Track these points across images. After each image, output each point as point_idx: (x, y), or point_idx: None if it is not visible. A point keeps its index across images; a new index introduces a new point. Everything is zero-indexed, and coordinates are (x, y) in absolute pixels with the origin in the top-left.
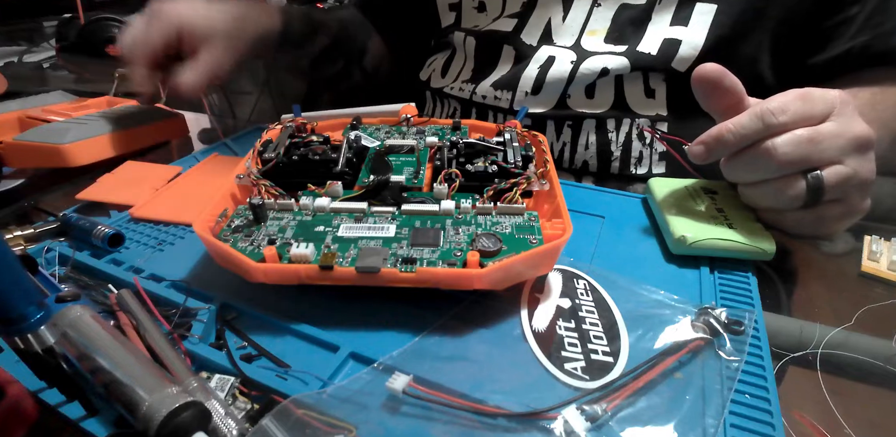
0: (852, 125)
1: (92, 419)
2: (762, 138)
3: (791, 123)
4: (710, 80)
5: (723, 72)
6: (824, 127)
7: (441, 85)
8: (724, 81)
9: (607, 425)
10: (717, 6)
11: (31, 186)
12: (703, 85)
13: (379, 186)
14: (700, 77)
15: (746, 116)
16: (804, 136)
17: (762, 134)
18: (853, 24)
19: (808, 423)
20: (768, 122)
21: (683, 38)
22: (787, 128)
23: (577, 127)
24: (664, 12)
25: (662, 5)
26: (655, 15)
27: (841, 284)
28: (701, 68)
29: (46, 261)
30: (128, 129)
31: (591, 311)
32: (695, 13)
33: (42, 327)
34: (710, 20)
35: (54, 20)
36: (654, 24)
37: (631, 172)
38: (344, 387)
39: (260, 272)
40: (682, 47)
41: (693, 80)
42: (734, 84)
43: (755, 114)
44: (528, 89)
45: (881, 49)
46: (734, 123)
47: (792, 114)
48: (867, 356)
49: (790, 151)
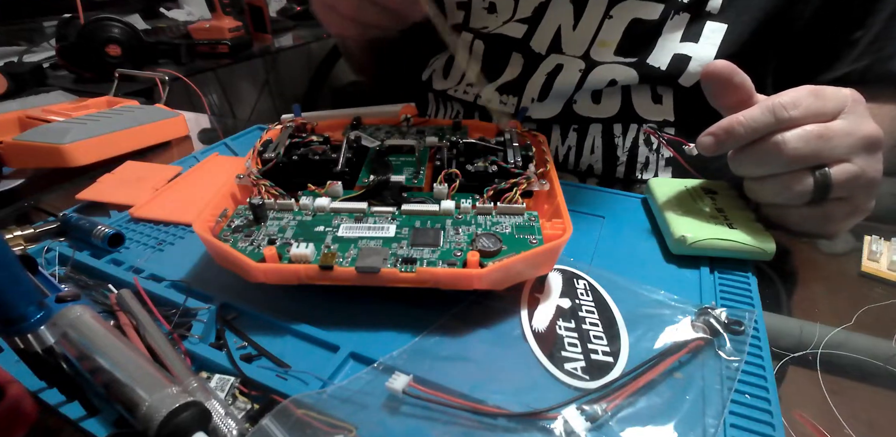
0: (863, 124)
1: (92, 419)
2: (772, 132)
3: (802, 118)
4: (721, 76)
5: (733, 69)
6: (835, 124)
7: (444, 87)
8: (734, 78)
9: (607, 425)
10: (727, 26)
11: (31, 186)
12: (713, 82)
13: (379, 186)
14: (710, 73)
15: (758, 109)
16: (815, 132)
17: (773, 128)
18: (856, 47)
19: (808, 423)
20: (780, 116)
21: (693, 55)
22: (797, 123)
23: (583, 131)
24: (675, 28)
25: (674, 21)
26: (666, 31)
27: (841, 284)
28: (711, 65)
29: (46, 261)
30: (128, 129)
31: (591, 311)
32: (705, 30)
33: (42, 327)
34: (720, 38)
35: (54, 20)
36: (665, 39)
37: (636, 177)
38: (344, 387)
39: (260, 272)
40: (692, 64)
41: (703, 76)
42: (743, 81)
43: (767, 107)
44: (535, 96)
45: (880, 73)
46: (745, 115)
47: (804, 109)
48: (867, 356)
49: (800, 146)
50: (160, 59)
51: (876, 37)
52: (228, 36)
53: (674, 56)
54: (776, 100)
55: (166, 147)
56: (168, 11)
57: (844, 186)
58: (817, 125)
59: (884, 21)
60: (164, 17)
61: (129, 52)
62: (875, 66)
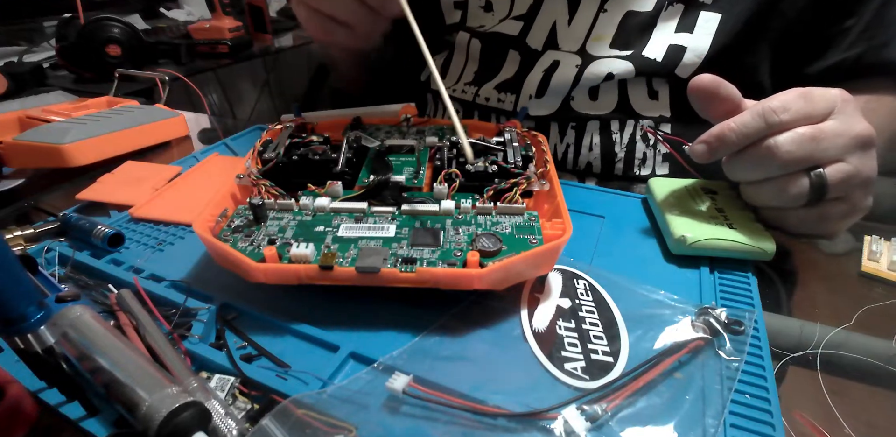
0: (854, 123)
1: (92, 419)
2: (764, 137)
3: (793, 121)
4: (707, 90)
5: (718, 82)
6: (826, 125)
7: None
8: (720, 90)
9: (607, 425)
10: (721, 15)
11: (31, 186)
12: (699, 95)
13: (379, 186)
14: (696, 88)
15: (749, 115)
16: (807, 134)
17: (764, 132)
18: (849, 35)
19: (808, 423)
20: (770, 120)
21: (688, 46)
22: (788, 126)
23: (581, 129)
24: (670, 19)
25: (668, 12)
26: (661, 21)
27: (841, 284)
28: (697, 80)
29: (46, 261)
30: (128, 129)
31: (591, 311)
32: (700, 20)
33: (42, 327)
34: (714, 28)
35: (54, 20)
36: (660, 30)
37: (634, 174)
38: (344, 387)
39: (260, 272)
40: (687, 54)
41: (689, 91)
42: (730, 92)
43: (757, 112)
44: (533, 92)
45: (872, 61)
46: (736, 121)
47: (794, 112)
48: (867, 356)
49: (793, 149)
50: (160, 59)
51: (867, 25)
52: (228, 36)
53: (669, 47)
54: (766, 104)
55: (166, 147)
56: (168, 11)
57: (841, 186)
58: (809, 127)
59: (875, 9)
60: (164, 17)
61: (129, 52)
62: (867, 54)
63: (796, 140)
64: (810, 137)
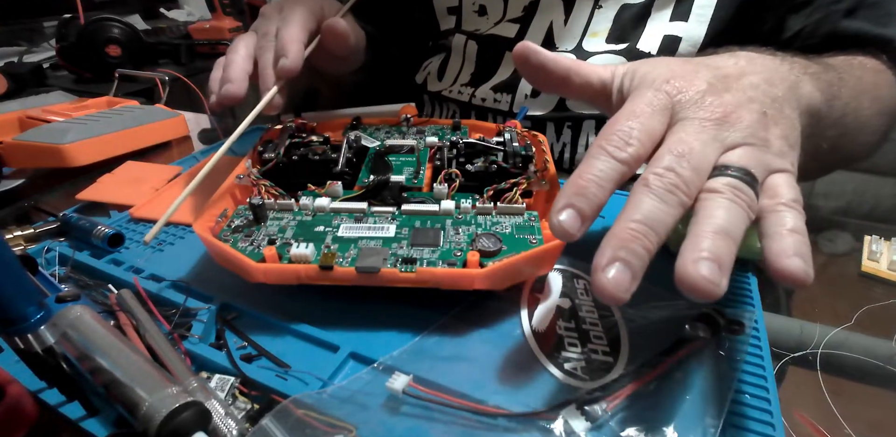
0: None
1: (92, 419)
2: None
3: (642, 148)
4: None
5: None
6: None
7: (439, 88)
8: (531, 58)
9: (607, 425)
10: (716, 0)
11: (31, 186)
12: (518, 66)
13: (379, 186)
14: (514, 58)
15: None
16: (671, 157)
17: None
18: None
19: (809, 423)
20: (619, 157)
21: (683, 35)
22: (642, 157)
23: (577, 128)
24: (664, 8)
25: (662, 1)
26: (655, 11)
27: (841, 284)
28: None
29: (46, 261)
30: (128, 129)
31: (591, 311)
32: (694, 7)
33: (42, 327)
34: (709, 14)
35: (54, 20)
36: (654, 20)
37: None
38: (344, 387)
39: (260, 272)
40: (682, 44)
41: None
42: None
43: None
44: (528, 92)
45: (828, 30)
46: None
47: (636, 139)
48: (867, 356)
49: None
50: (160, 60)
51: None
52: (228, 36)
53: (664, 38)
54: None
55: (166, 147)
56: (168, 12)
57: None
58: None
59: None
60: (164, 18)
61: (129, 52)
62: (823, 21)
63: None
64: (678, 155)
